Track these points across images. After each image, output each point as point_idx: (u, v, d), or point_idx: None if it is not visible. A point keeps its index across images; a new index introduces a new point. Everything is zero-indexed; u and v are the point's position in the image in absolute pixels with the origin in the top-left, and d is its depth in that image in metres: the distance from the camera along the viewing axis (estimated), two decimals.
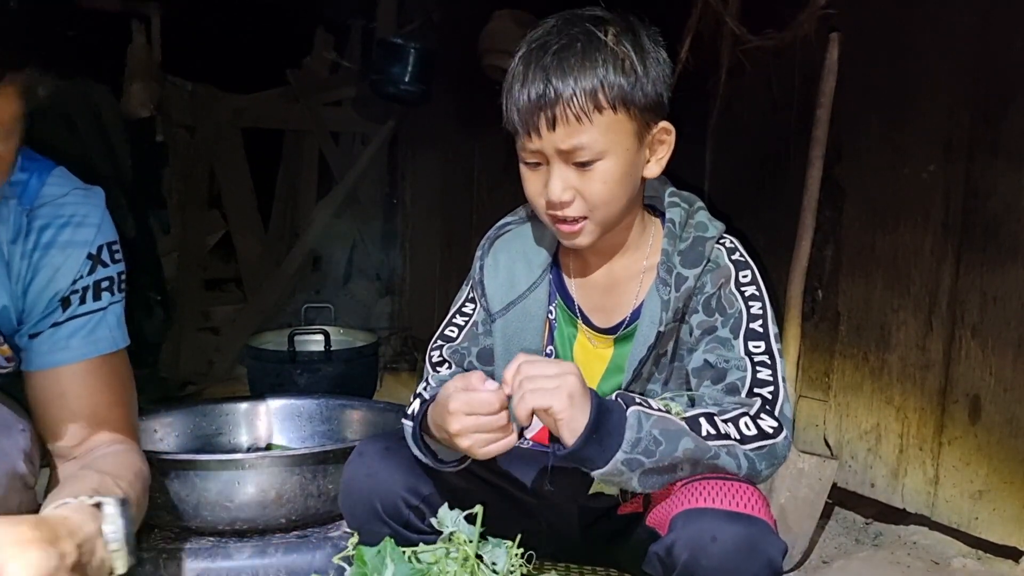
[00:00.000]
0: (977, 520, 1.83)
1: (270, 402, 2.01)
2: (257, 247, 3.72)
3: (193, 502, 1.51)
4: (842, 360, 2.10)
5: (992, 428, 1.80)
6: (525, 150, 1.18)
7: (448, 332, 1.35)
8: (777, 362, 1.16)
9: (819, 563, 1.96)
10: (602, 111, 1.12)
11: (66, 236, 1.20)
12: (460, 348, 1.33)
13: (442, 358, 1.33)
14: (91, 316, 1.22)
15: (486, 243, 1.36)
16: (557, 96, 1.11)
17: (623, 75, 1.13)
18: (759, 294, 1.21)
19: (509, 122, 1.18)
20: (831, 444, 2.13)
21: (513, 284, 1.31)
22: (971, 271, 1.82)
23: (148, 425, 1.81)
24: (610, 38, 1.14)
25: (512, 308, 1.30)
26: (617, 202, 1.18)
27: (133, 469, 1.19)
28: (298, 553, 1.54)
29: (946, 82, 1.85)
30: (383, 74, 3.18)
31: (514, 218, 1.38)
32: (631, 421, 1.03)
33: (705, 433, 1.05)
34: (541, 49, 1.15)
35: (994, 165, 1.77)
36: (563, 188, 1.15)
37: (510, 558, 0.99)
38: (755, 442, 1.07)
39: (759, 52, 2.10)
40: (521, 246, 1.33)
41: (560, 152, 1.14)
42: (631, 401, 1.06)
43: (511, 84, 1.17)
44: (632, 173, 1.19)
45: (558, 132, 1.12)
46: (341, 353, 2.68)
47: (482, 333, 1.33)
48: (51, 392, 1.21)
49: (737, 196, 2.27)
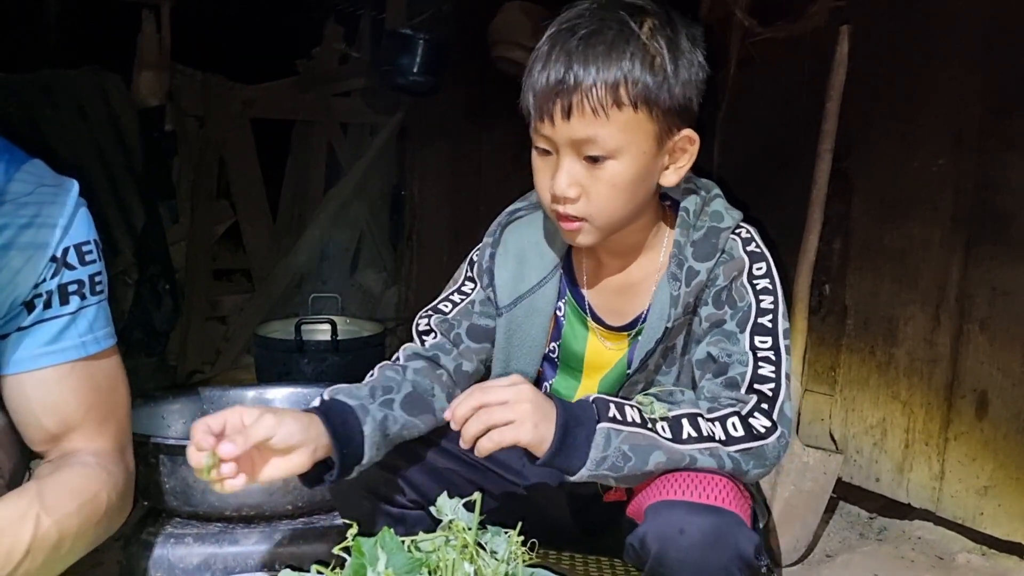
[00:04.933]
0: (982, 516, 1.82)
1: (277, 390, 2.02)
2: (265, 237, 3.73)
3: (200, 488, 1.52)
4: (849, 354, 2.10)
5: (999, 424, 1.79)
6: (537, 134, 1.13)
7: (441, 306, 1.31)
8: (783, 359, 1.12)
9: (823, 557, 1.96)
10: (621, 107, 1.06)
11: (27, 238, 1.11)
12: (451, 319, 1.29)
13: (429, 327, 1.29)
14: (57, 321, 1.15)
15: (497, 230, 1.31)
16: (576, 84, 1.06)
17: (650, 72, 1.06)
18: (772, 288, 1.16)
19: (525, 103, 1.13)
20: (836, 438, 2.12)
21: (523, 277, 1.27)
22: (980, 265, 1.82)
23: (156, 411, 1.82)
24: (644, 31, 1.08)
25: (520, 303, 1.26)
26: (623, 209, 1.13)
27: (80, 499, 1.12)
28: (304, 539, 1.56)
29: (956, 75, 1.84)
30: (392, 65, 3.18)
31: (525, 203, 1.33)
32: (597, 440, 1.01)
33: (686, 435, 1.03)
34: (569, 31, 1.09)
35: (1005, 158, 1.76)
36: (569, 183, 1.10)
37: (510, 546, 0.99)
38: (741, 443, 1.04)
39: (769, 45, 2.09)
40: (532, 237, 1.29)
41: (572, 143, 1.09)
42: (604, 412, 1.04)
43: (533, 64, 1.11)
44: (646, 179, 1.13)
45: (573, 122, 1.07)
46: (348, 343, 2.69)
47: (478, 312, 1.29)
48: (17, 398, 1.16)
49: (745, 189, 2.25)
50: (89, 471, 1.17)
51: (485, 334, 1.29)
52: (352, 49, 3.75)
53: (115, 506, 1.18)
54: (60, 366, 1.16)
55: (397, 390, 1.19)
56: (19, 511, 1.05)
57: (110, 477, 1.18)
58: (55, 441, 1.19)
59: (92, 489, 1.15)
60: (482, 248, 1.32)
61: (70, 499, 1.11)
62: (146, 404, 1.80)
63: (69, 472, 1.16)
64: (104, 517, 1.16)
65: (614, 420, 1.03)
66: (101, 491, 1.15)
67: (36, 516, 1.05)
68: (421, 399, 1.21)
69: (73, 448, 1.20)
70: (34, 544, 1.04)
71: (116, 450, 1.24)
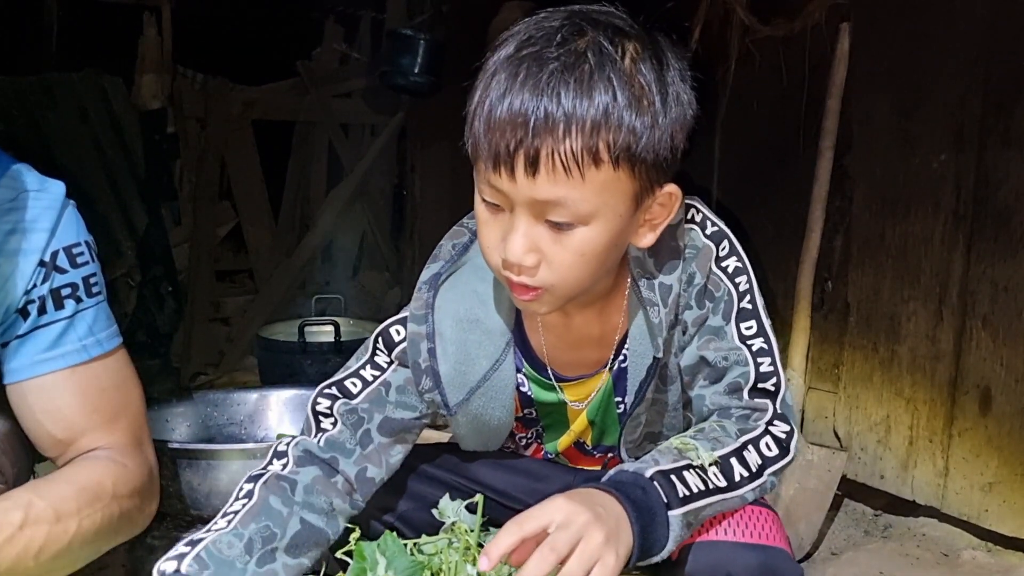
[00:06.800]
0: (987, 512, 1.82)
1: (280, 392, 2.02)
2: (267, 238, 3.74)
3: (205, 491, 1.52)
4: (852, 351, 2.09)
5: (1003, 420, 1.79)
6: (487, 185, 0.90)
7: (348, 385, 1.10)
8: (772, 342, 1.05)
9: (828, 555, 1.96)
10: (599, 165, 0.86)
11: (13, 244, 1.09)
12: (359, 409, 1.09)
13: (330, 412, 1.09)
14: (54, 327, 1.12)
15: (424, 311, 1.07)
16: (547, 129, 0.84)
17: (637, 115, 0.86)
18: (742, 265, 1.05)
19: (472, 142, 0.91)
20: (840, 436, 2.12)
21: (471, 365, 1.06)
22: (982, 261, 1.81)
23: (160, 415, 1.83)
24: (627, 62, 0.87)
25: (473, 395, 1.07)
26: (589, 278, 0.94)
27: (78, 483, 1.10)
28: None
29: (957, 71, 1.83)
30: (393, 65, 3.18)
31: (444, 261, 1.10)
32: (675, 532, 0.90)
33: (738, 477, 0.97)
34: (535, 60, 0.87)
35: (1005, 154, 1.76)
36: (526, 249, 0.89)
37: None
38: (777, 463, 1.02)
39: (769, 42, 2.09)
40: (471, 309, 1.07)
41: (532, 203, 0.87)
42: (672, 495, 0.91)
43: (484, 92, 0.89)
44: (619, 244, 0.95)
45: (539, 180, 0.85)
46: (351, 344, 2.69)
47: (394, 402, 1.09)
48: (21, 406, 1.15)
49: (746, 187, 2.27)
50: (91, 461, 1.16)
51: (403, 427, 1.10)
52: (352, 50, 3.75)
53: (124, 494, 1.15)
54: (61, 371, 1.14)
55: (281, 536, 1.00)
56: (9, 498, 1.03)
57: (116, 466, 1.16)
58: (64, 446, 1.18)
59: (92, 475, 1.13)
60: (410, 339, 1.08)
61: (66, 484, 1.09)
62: (149, 408, 1.78)
63: (69, 466, 1.16)
64: (113, 502, 1.12)
65: (685, 500, 0.92)
66: (104, 477, 1.13)
67: (27, 500, 1.03)
68: (311, 532, 1.03)
69: (85, 449, 1.18)
70: (27, 522, 1.02)
71: (131, 443, 1.21)
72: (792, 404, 1.07)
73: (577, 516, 0.82)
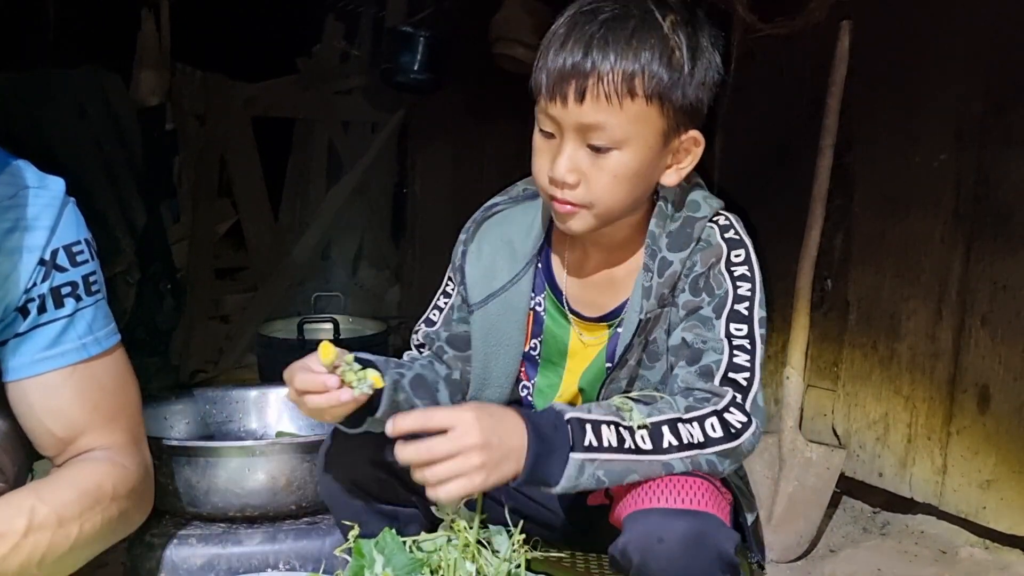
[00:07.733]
0: (985, 510, 1.82)
1: (279, 390, 2.01)
2: (267, 236, 3.73)
3: (204, 488, 1.52)
4: (851, 349, 2.09)
5: (1001, 418, 1.79)
6: (544, 114, 1.11)
7: (431, 315, 1.34)
8: (757, 348, 1.11)
9: (826, 552, 1.96)
10: (635, 97, 1.06)
11: (12, 242, 1.09)
12: (435, 332, 1.31)
13: (419, 341, 1.33)
14: (54, 325, 1.13)
15: (472, 226, 1.30)
16: (593, 68, 1.05)
17: (668, 67, 1.06)
18: (750, 275, 1.15)
19: (536, 81, 1.11)
20: (839, 433, 2.12)
21: (494, 275, 1.26)
22: (981, 260, 1.81)
23: (158, 412, 1.82)
24: (667, 24, 1.07)
25: (492, 300, 1.25)
26: (621, 201, 1.12)
27: (80, 487, 1.11)
28: (308, 539, 1.56)
29: (958, 70, 1.83)
30: (393, 63, 3.18)
31: (504, 198, 1.32)
32: (570, 471, 0.99)
33: (667, 445, 1.03)
34: (590, 15, 1.08)
35: (1005, 153, 1.76)
36: (569, 168, 1.09)
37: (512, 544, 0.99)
38: (720, 444, 1.04)
39: (769, 40, 2.09)
40: (507, 233, 1.27)
41: (579, 127, 1.08)
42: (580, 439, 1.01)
43: (548, 44, 1.10)
44: (647, 175, 1.12)
45: (584, 106, 1.06)
46: (351, 342, 2.68)
47: (456, 319, 1.30)
48: (21, 404, 1.15)
49: (747, 185, 2.26)
50: (92, 463, 1.16)
51: (465, 342, 1.29)
52: (353, 47, 3.75)
53: (123, 495, 1.16)
54: (61, 370, 1.14)
55: (408, 369, 1.23)
56: (13, 503, 1.04)
57: (115, 467, 1.17)
58: (64, 445, 1.18)
59: (93, 478, 1.13)
60: (456, 246, 1.31)
61: (68, 488, 1.10)
62: (148, 405, 1.79)
63: (70, 467, 1.16)
64: (112, 504, 1.13)
65: (589, 448, 1.01)
66: (105, 480, 1.14)
67: (31, 506, 1.04)
68: (426, 384, 1.24)
69: (85, 449, 1.19)
70: (32, 528, 1.03)
71: (129, 443, 1.22)
72: (763, 406, 1.10)
73: (469, 435, 0.96)
